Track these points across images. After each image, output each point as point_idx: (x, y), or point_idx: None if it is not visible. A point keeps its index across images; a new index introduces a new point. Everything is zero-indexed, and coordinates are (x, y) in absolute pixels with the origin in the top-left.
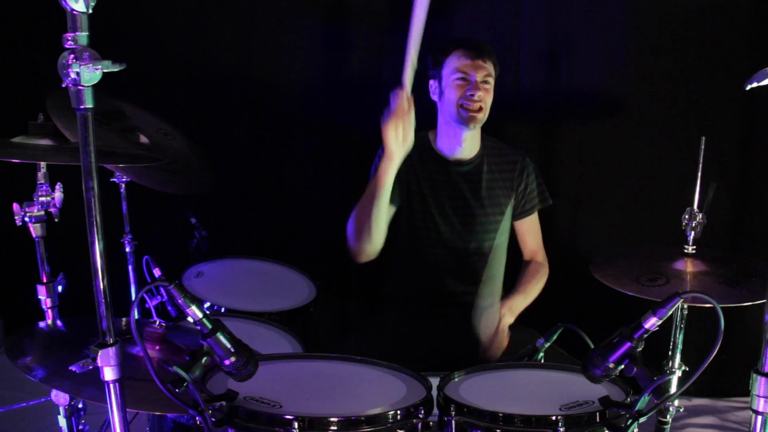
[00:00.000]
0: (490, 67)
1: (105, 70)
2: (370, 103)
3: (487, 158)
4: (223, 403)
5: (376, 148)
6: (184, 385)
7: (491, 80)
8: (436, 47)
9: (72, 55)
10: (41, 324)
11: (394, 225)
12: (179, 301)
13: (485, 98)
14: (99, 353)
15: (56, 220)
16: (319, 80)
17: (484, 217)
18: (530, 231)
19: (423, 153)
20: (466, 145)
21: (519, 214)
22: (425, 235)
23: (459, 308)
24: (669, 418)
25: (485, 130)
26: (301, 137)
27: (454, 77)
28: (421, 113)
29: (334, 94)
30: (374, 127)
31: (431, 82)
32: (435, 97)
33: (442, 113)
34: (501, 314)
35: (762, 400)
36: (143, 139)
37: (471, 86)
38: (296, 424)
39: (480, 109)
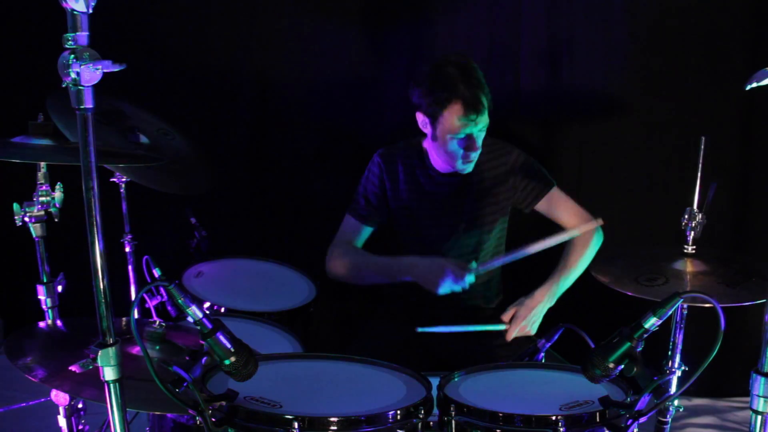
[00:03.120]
0: (485, 113)
1: (105, 70)
2: (370, 103)
3: (479, 164)
4: (223, 403)
5: (376, 148)
6: (184, 385)
7: (485, 126)
8: (429, 84)
9: (72, 55)
10: (41, 324)
11: (391, 230)
12: (179, 301)
13: (480, 144)
14: (99, 353)
15: (56, 220)
16: (319, 80)
17: (480, 219)
18: (557, 207)
19: (416, 165)
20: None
21: (530, 202)
22: (419, 246)
23: (459, 308)
24: (669, 418)
25: None
26: (301, 137)
27: (453, 133)
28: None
29: (334, 94)
30: (374, 127)
31: (420, 115)
32: (425, 130)
33: (436, 146)
34: (539, 300)
35: (762, 400)
36: (143, 139)
37: (471, 144)
38: (296, 424)
39: (474, 159)
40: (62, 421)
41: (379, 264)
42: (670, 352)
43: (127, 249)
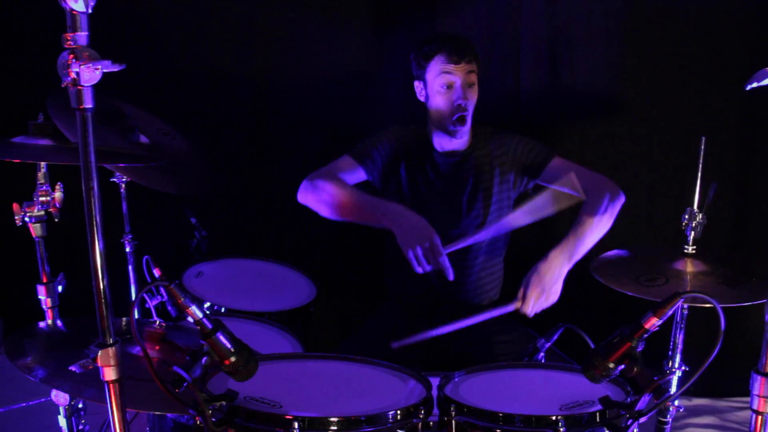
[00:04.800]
0: (473, 65)
1: (105, 70)
2: (370, 103)
3: (478, 147)
4: (223, 403)
5: None
6: (184, 385)
7: (476, 78)
8: (418, 48)
9: (72, 55)
10: (41, 324)
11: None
12: (179, 301)
13: (470, 102)
14: (99, 353)
15: (56, 220)
16: (319, 79)
17: (481, 203)
18: (567, 172)
19: (418, 148)
20: (458, 141)
21: (536, 170)
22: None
23: (458, 308)
24: (669, 418)
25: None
26: (301, 137)
27: (439, 83)
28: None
29: (334, 93)
30: (374, 127)
31: (417, 83)
32: (422, 99)
33: (430, 116)
34: (554, 262)
35: (762, 400)
36: (143, 139)
37: (458, 94)
38: (296, 424)
39: (464, 119)
40: (62, 421)
41: (363, 200)
42: (670, 352)
43: (127, 249)
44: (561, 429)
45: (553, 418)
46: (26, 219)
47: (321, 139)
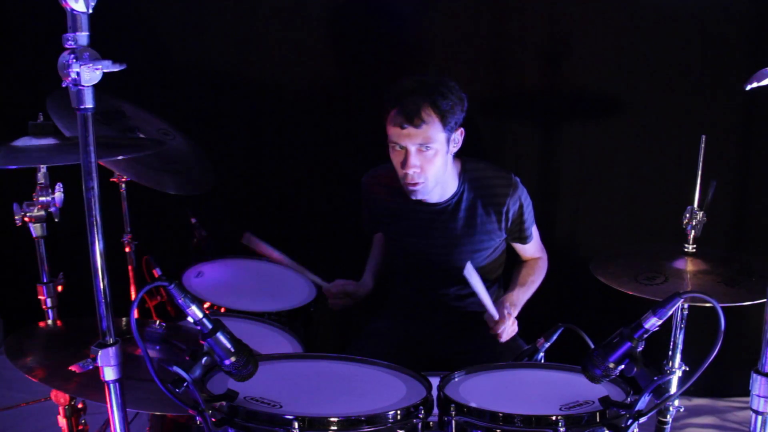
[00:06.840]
0: (428, 129)
1: (105, 70)
2: (370, 105)
3: (466, 194)
4: (223, 403)
5: (375, 149)
6: (184, 385)
7: (433, 145)
8: (388, 87)
9: (72, 55)
10: (41, 324)
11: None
12: (179, 301)
13: (425, 170)
14: (99, 353)
15: (56, 220)
16: (319, 80)
17: (467, 245)
18: (528, 248)
19: (397, 191)
20: (434, 192)
21: (514, 239)
22: (411, 258)
23: (458, 310)
24: (669, 418)
25: (472, 151)
26: (301, 137)
27: (391, 143)
28: None
29: (334, 94)
30: (374, 129)
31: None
32: None
33: None
34: (504, 308)
35: (762, 400)
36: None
37: (405, 160)
38: (296, 424)
39: (417, 183)
40: (62, 421)
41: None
42: (670, 352)
43: (127, 249)
44: (561, 429)
45: (553, 418)
46: (26, 219)
47: (321, 139)
